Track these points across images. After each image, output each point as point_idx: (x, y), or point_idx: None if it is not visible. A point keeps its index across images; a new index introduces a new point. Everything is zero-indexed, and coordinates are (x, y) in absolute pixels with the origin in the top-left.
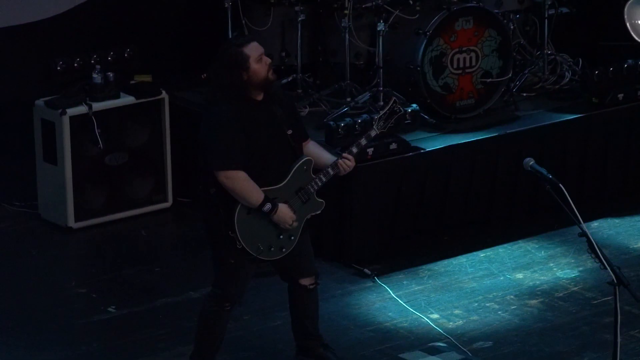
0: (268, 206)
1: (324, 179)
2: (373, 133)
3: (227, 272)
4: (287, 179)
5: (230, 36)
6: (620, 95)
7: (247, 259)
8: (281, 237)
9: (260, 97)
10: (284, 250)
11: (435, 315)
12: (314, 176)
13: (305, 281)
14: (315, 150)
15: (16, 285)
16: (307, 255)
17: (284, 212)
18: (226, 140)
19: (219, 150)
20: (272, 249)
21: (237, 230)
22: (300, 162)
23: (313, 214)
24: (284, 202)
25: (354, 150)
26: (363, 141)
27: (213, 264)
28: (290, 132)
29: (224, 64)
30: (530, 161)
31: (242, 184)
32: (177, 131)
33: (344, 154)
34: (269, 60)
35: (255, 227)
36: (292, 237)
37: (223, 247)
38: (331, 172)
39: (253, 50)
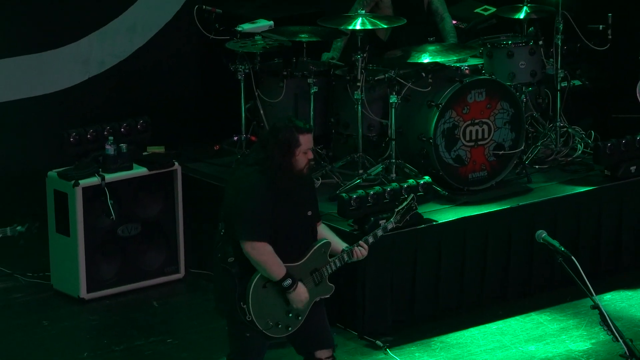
0: (288, 282)
1: (338, 264)
2: (390, 226)
3: (243, 345)
4: (305, 258)
5: (243, 107)
6: (633, 168)
7: (256, 332)
8: (290, 315)
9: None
10: (289, 329)
11: None
12: (329, 260)
13: (322, 354)
14: (327, 234)
15: (28, 356)
16: (322, 326)
17: (301, 292)
18: (258, 211)
19: (250, 220)
20: (280, 326)
21: (249, 302)
22: (320, 244)
23: (322, 297)
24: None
25: (370, 239)
26: (379, 232)
27: (228, 337)
28: (310, 213)
29: (277, 139)
30: (542, 233)
31: (268, 257)
32: (189, 202)
33: (360, 242)
34: (311, 156)
35: (267, 303)
36: (300, 317)
37: (238, 320)
38: (346, 258)
39: (306, 141)
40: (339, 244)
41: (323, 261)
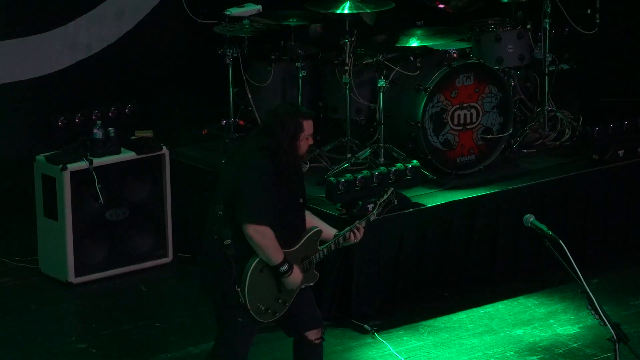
0: (286, 267)
1: (326, 253)
2: (372, 217)
3: (234, 331)
4: (298, 245)
5: (231, 92)
6: (621, 152)
7: (247, 317)
8: (279, 301)
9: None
10: (276, 314)
11: None
12: (319, 248)
13: (312, 334)
14: (316, 221)
15: (16, 340)
16: (311, 308)
17: (297, 276)
18: (264, 196)
19: (256, 204)
20: (269, 311)
21: (245, 285)
22: (313, 231)
23: (307, 284)
24: None
25: (363, 224)
26: (363, 223)
27: (218, 323)
28: (301, 200)
29: (284, 125)
30: (530, 217)
31: (269, 241)
32: (177, 186)
33: (357, 224)
34: (311, 142)
35: (261, 287)
36: (286, 304)
37: (230, 304)
38: (332, 247)
39: (308, 127)
40: (328, 229)
41: (313, 249)
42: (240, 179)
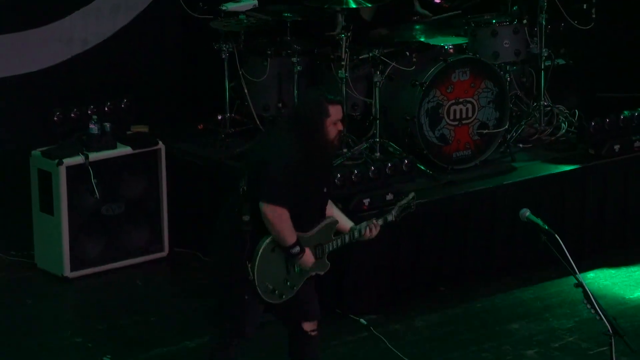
0: (296, 249)
1: (339, 244)
2: (389, 218)
3: (240, 307)
4: (313, 232)
5: (227, 86)
6: (617, 147)
7: (254, 295)
8: (288, 283)
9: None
10: (283, 297)
11: None
12: (333, 237)
13: (308, 326)
14: (335, 212)
15: (12, 335)
16: (311, 299)
17: (309, 258)
18: (285, 178)
19: (277, 185)
20: (276, 292)
21: (256, 261)
22: (328, 221)
23: (317, 272)
24: None
25: (380, 222)
26: (380, 221)
27: (224, 302)
28: (325, 190)
29: (308, 109)
30: (526, 212)
31: (283, 222)
32: (173, 181)
33: (374, 221)
34: (341, 127)
35: (271, 266)
36: (294, 287)
37: (237, 281)
38: (347, 240)
39: (335, 111)
40: (347, 222)
41: (327, 238)
42: (265, 159)
